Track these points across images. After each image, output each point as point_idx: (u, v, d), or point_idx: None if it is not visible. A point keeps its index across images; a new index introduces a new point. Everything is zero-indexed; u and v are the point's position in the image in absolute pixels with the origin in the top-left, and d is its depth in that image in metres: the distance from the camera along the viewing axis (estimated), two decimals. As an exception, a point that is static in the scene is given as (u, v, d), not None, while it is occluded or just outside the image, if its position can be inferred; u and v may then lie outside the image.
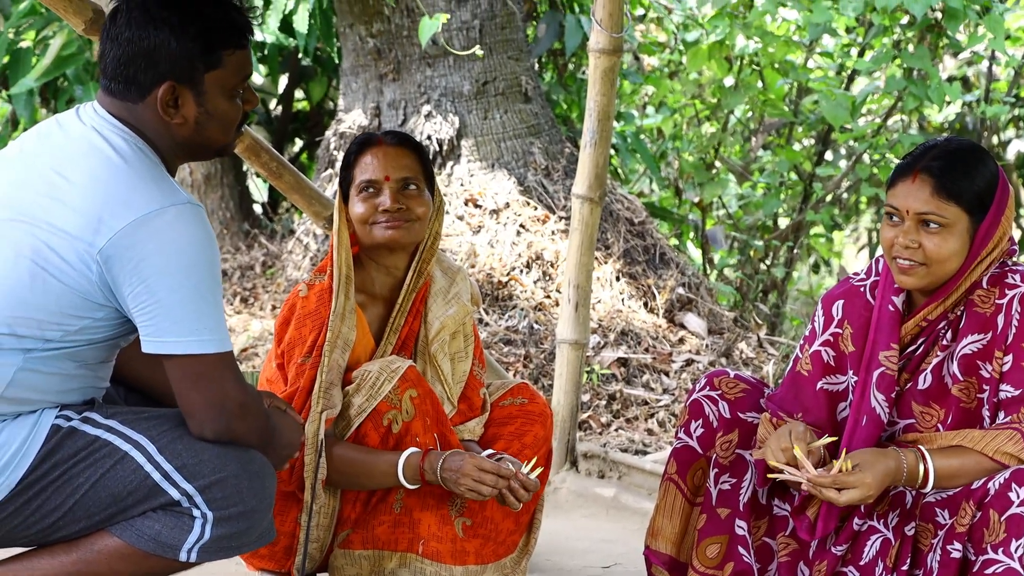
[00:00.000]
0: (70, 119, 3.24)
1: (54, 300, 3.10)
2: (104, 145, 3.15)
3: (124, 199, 3.07)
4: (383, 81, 7.46)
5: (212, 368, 3.13)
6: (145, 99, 3.21)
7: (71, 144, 3.17)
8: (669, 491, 3.86)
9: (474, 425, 3.98)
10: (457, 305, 3.99)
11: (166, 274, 3.06)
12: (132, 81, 3.20)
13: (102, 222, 3.05)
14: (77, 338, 3.15)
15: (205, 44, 3.21)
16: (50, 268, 3.08)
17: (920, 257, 3.59)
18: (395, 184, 3.85)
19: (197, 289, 3.09)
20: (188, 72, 3.21)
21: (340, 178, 3.94)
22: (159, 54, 3.18)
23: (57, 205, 3.09)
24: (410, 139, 3.94)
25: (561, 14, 8.08)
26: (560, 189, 7.37)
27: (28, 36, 8.21)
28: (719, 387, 3.85)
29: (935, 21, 8.00)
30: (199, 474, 3.15)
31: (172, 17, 3.19)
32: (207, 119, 3.25)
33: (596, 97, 5.26)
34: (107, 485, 3.15)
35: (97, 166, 3.12)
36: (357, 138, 3.96)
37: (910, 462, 3.54)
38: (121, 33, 3.19)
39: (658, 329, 7.11)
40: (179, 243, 3.07)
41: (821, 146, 9.46)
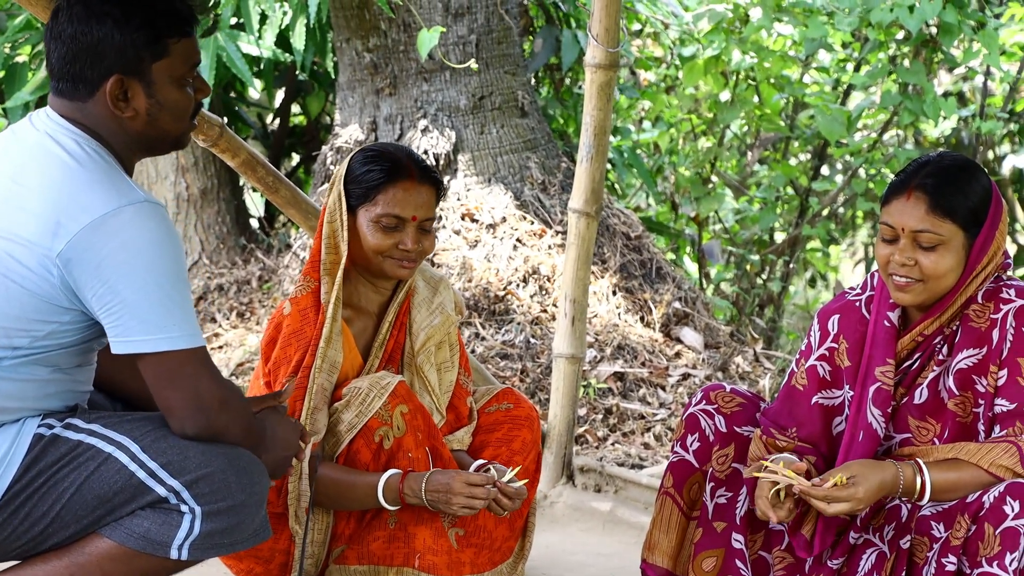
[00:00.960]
0: (23, 127, 3.23)
1: (18, 307, 3.09)
2: (57, 149, 3.14)
3: (80, 202, 3.06)
4: (380, 96, 7.47)
5: (185, 364, 3.11)
6: (94, 95, 3.19)
7: (25, 151, 3.16)
8: (665, 505, 3.86)
9: (462, 435, 3.99)
10: (441, 315, 3.99)
11: (128, 273, 3.05)
12: (79, 78, 3.19)
13: (60, 226, 3.04)
14: (46, 343, 3.15)
15: (149, 34, 3.19)
16: (12, 275, 3.07)
17: (917, 274, 3.60)
18: (418, 224, 3.83)
19: (160, 286, 3.07)
20: (135, 64, 3.19)
21: (347, 190, 3.86)
22: (103, 48, 3.17)
23: (15, 212, 3.08)
24: (435, 174, 3.90)
25: (558, 29, 8.09)
26: (557, 203, 7.38)
27: (24, 50, 8.21)
28: (715, 401, 3.86)
29: (930, 36, 8.01)
30: (185, 470, 3.14)
31: (114, 10, 3.17)
32: (159, 110, 3.23)
33: (592, 112, 5.26)
34: (92, 487, 3.14)
35: (51, 170, 3.10)
36: (380, 158, 3.86)
37: (907, 475, 3.55)
38: (64, 30, 3.18)
39: (654, 343, 7.11)
40: (138, 241, 3.05)
41: (817, 161, 9.47)
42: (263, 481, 3.25)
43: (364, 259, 3.84)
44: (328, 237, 3.83)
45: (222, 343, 7.45)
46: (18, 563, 3.24)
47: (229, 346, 7.42)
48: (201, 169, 8.30)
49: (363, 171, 3.85)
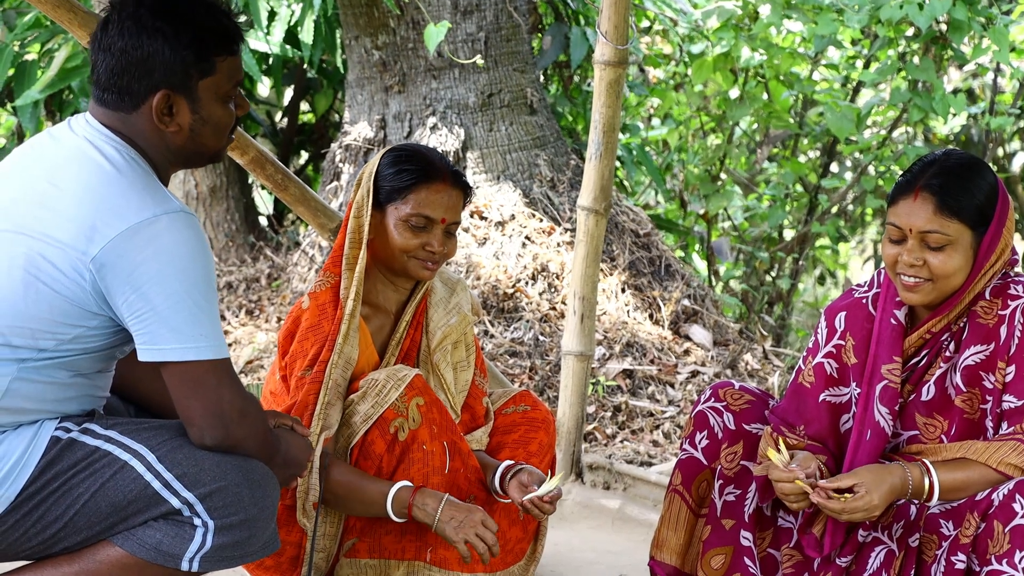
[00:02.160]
0: (62, 131, 3.24)
1: (47, 309, 3.10)
2: (96, 154, 3.15)
3: (116, 208, 3.07)
4: (388, 93, 7.47)
5: (209, 374, 3.13)
6: (139, 108, 3.21)
7: (63, 154, 3.18)
8: (674, 502, 3.86)
9: (480, 435, 3.99)
10: (458, 315, 4.00)
11: (160, 282, 3.06)
12: (126, 91, 3.20)
13: (95, 231, 3.05)
14: (71, 347, 3.16)
15: (198, 51, 3.21)
16: (43, 277, 3.08)
17: (926, 274, 3.60)
18: (446, 227, 3.85)
19: (191, 296, 3.09)
20: (182, 80, 3.21)
21: (376, 187, 3.85)
22: (153, 63, 3.18)
23: (50, 214, 3.09)
24: (464, 179, 3.93)
25: (566, 26, 8.09)
26: (565, 201, 7.38)
27: (33, 48, 8.23)
28: (724, 399, 3.86)
29: (940, 33, 8.00)
30: (199, 482, 3.15)
31: (165, 26, 3.19)
32: (201, 126, 3.25)
33: (601, 109, 5.26)
34: (107, 495, 3.15)
35: (89, 175, 3.12)
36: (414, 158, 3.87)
37: (915, 476, 3.55)
38: (113, 43, 3.19)
39: (663, 341, 7.11)
40: (172, 251, 3.07)
41: (826, 158, 9.46)
42: (275, 495, 3.27)
43: (387, 257, 3.85)
44: (353, 232, 3.84)
45: (231, 341, 7.46)
46: (28, 564, 3.24)
47: (238, 344, 7.43)
48: (210, 167, 8.31)
49: (395, 170, 3.86)
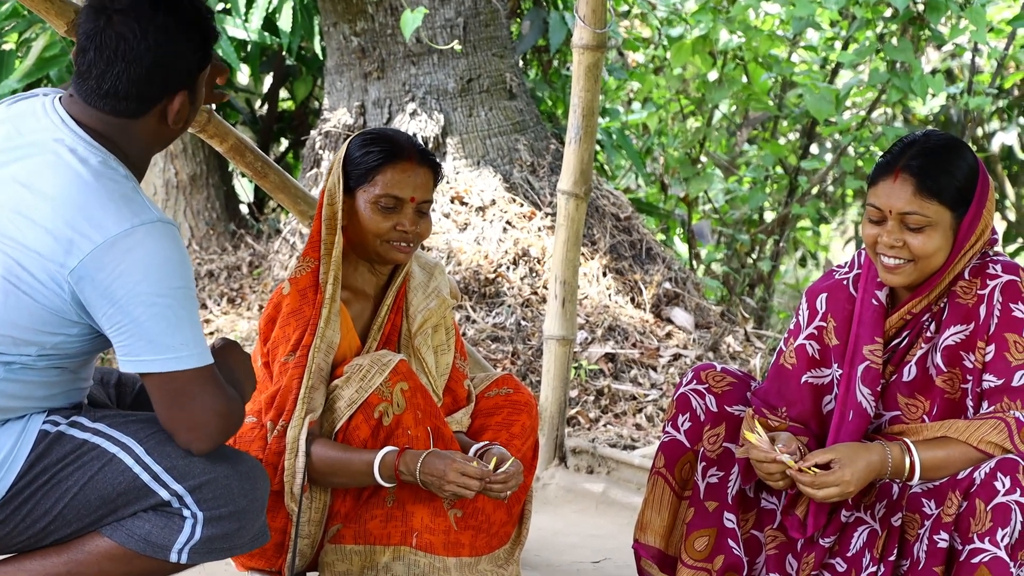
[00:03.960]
0: (33, 127, 3.16)
1: (27, 317, 3.07)
2: (73, 160, 3.09)
3: (94, 220, 3.02)
4: (368, 80, 7.46)
5: (191, 384, 3.10)
6: (148, 112, 3.16)
7: (38, 158, 3.10)
8: (657, 485, 3.87)
9: (461, 416, 4.00)
10: (437, 299, 4.01)
11: (138, 294, 3.02)
12: (143, 98, 3.15)
13: (72, 243, 3.01)
14: (53, 352, 3.13)
15: (204, 47, 3.21)
16: (22, 286, 3.05)
17: (906, 255, 3.60)
18: (416, 206, 3.84)
19: (171, 307, 3.05)
20: (193, 78, 3.20)
21: (346, 172, 3.85)
22: (176, 67, 3.16)
23: (27, 223, 3.05)
24: (432, 157, 3.91)
25: (545, 11, 8.09)
26: (546, 185, 7.38)
27: (10, 38, 8.20)
28: (706, 381, 3.86)
29: (917, 14, 8.01)
30: (189, 474, 3.15)
31: (181, 26, 3.15)
32: (192, 114, 3.24)
33: (580, 93, 5.26)
34: (96, 488, 3.15)
35: (66, 183, 3.05)
36: (379, 140, 3.87)
37: (895, 455, 3.56)
38: (137, 52, 3.11)
39: (645, 324, 7.12)
40: (150, 262, 3.02)
41: (806, 140, 9.47)
42: (264, 487, 3.27)
43: (362, 242, 3.85)
44: (328, 219, 3.84)
45: (213, 329, 7.45)
46: (16, 555, 3.24)
47: (220, 332, 7.43)
48: (190, 155, 8.29)
49: (362, 153, 3.86)
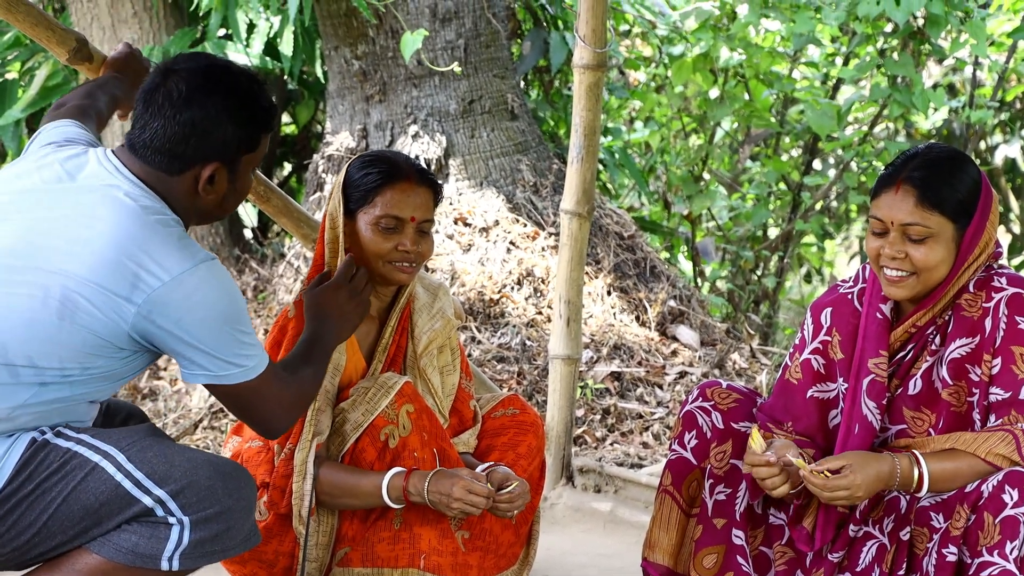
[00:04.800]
0: (87, 173, 3.30)
1: (80, 342, 3.17)
2: (131, 203, 3.23)
3: (157, 257, 3.18)
4: (369, 103, 7.47)
5: (257, 390, 3.33)
6: (183, 174, 3.31)
7: (94, 197, 3.24)
8: (665, 503, 3.86)
9: (467, 437, 4.00)
10: (442, 320, 4.01)
11: (203, 326, 3.21)
12: (178, 158, 3.30)
13: (139, 278, 3.15)
14: (95, 372, 3.23)
15: (252, 130, 3.34)
16: (79, 317, 3.15)
17: (908, 267, 3.61)
18: (417, 225, 3.85)
19: (233, 331, 3.25)
20: (233, 154, 3.33)
21: (347, 195, 3.87)
22: (213, 138, 3.30)
23: (85, 255, 3.16)
24: (431, 177, 3.93)
25: (545, 31, 8.10)
26: (549, 205, 7.39)
27: (13, 67, 8.22)
28: (712, 398, 3.86)
29: (917, 28, 8.02)
30: (170, 478, 3.18)
31: (229, 102, 3.29)
32: (232, 194, 3.38)
33: (582, 112, 5.27)
34: (79, 498, 3.16)
35: (125, 220, 3.20)
36: (377, 162, 3.89)
37: (904, 466, 3.56)
38: (177, 112, 3.28)
39: (650, 342, 7.12)
40: (212, 296, 3.22)
41: (808, 156, 9.48)
42: (249, 485, 3.31)
43: (365, 264, 3.86)
44: (331, 242, 3.85)
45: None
46: None
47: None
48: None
49: (361, 175, 3.87)
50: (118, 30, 7.65)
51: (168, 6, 7.72)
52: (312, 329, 3.70)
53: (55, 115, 3.71)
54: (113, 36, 7.61)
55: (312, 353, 3.62)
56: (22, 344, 3.14)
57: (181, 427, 6.74)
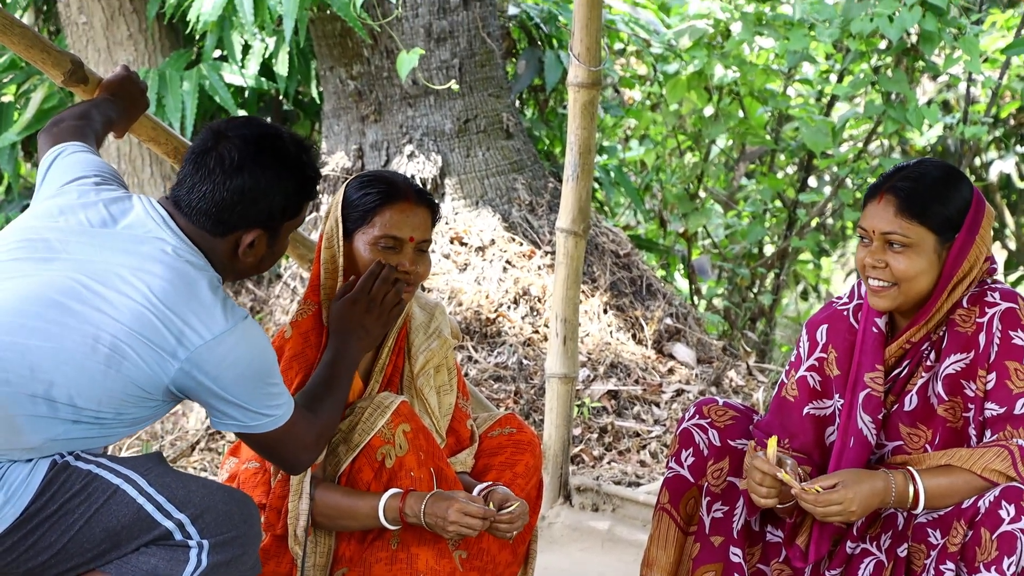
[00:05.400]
0: (133, 221, 3.37)
1: (120, 390, 3.23)
2: (180, 261, 3.32)
3: (202, 315, 3.27)
4: (365, 123, 7.48)
5: (283, 436, 3.44)
6: (225, 236, 3.39)
7: (144, 249, 3.31)
8: (662, 521, 3.87)
9: (464, 456, 4.00)
10: (439, 339, 4.01)
11: (239, 382, 3.31)
12: (222, 222, 3.38)
13: (183, 335, 3.24)
14: (126, 418, 3.29)
15: (297, 201, 3.43)
16: (125, 367, 3.21)
17: (888, 276, 3.62)
18: (415, 245, 3.85)
19: (265, 386, 3.37)
20: (275, 223, 3.42)
21: (344, 215, 3.86)
22: (259, 206, 3.39)
23: (136, 308, 3.23)
24: (429, 197, 3.92)
25: (540, 50, 8.12)
26: (545, 224, 7.40)
27: (9, 90, 8.23)
28: (708, 415, 3.86)
29: (911, 45, 8.04)
30: (189, 503, 3.23)
31: (278, 172, 3.39)
32: (270, 256, 3.47)
33: (576, 131, 5.28)
34: (100, 520, 3.19)
35: (177, 280, 3.28)
36: (376, 182, 3.88)
37: (899, 483, 3.56)
38: (228, 178, 3.36)
39: (647, 360, 7.12)
40: (248, 355, 3.32)
41: (804, 173, 9.49)
42: (257, 514, 3.37)
43: None
44: (327, 262, 3.85)
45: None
46: None
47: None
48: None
49: (360, 195, 3.86)
50: (113, 52, 7.66)
51: (163, 28, 7.73)
52: (333, 345, 3.75)
53: (54, 135, 3.73)
54: (108, 58, 7.62)
55: (333, 375, 3.68)
56: (67, 383, 3.19)
57: (178, 449, 6.74)
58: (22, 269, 3.28)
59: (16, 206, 8.38)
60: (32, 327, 3.20)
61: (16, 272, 3.28)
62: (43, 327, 3.20)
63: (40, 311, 3.21)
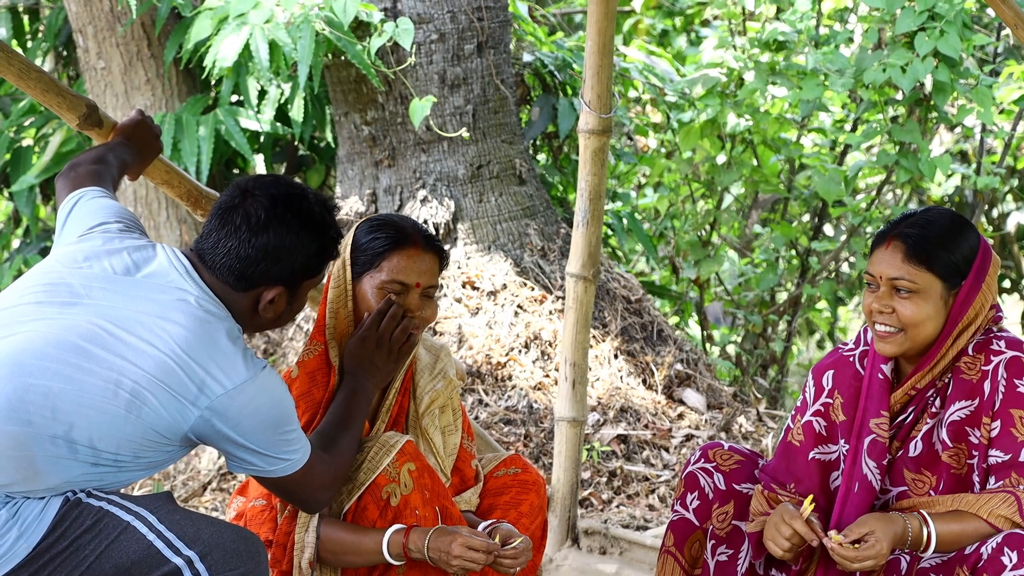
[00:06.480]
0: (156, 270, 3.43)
1: (139, 435, 3.29)
2: (202, 312, 3.38)
3: (223, 367, 3.34)
4: (379, 168, 7.53)
5: (301, 478, 3.51)
6: (247, 292, 3.47)
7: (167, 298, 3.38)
8: (667, 563, 3.87)
9: (469, 496, 4.02)
10: (444, 380, 4.03)
11: (258, 430, 3.39)
12: (245, 277, 3.45)
13: (204, 385, 3.31)
14: (143, 461, 3.35)
15: (319, 261, 3.52)
16: (144, 413, 3.28)
17: (895, 322, 3.63)
18: (422, 291, 3.88)
19: (283, 433, 3.44)
20: (297, 281, 3.50)
21: (352, 258, 3.89)
22: (282, 265, 3.47)
23: (161, 356, 3.29)
24: (438, 243, 3.95)
25: (554, 97, 8.16)
26: (556, 269, 7.42)
27: (28, 134, 8.30)
28: (714, 459, 3.88)
29: (924, 95, 8.07)
30: (199, 540, 3.27)
31: (302, 233, 3.47)
32: (288, 313, 3.55)
33: (587, 177, 5.31)
34: (111, 556, 3.23)
35: (199, 329, 3.35)
36: (385, 227, 3.91)
37: (914, 527, 3.57)
38: (254, 236, 3.44)
39: (657, 405, 7.13)
40: (268, 404, 3.40)
41: (817, 221, 9.51)
42: (264, 552, 3.41)
43: None
44: (332, 302, 3.88)
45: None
46: None
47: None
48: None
49: (368, 239, 3.88)
50: (131, 96, 7.73)
51: (180, 73, 7.80)
52: (347, 383, 3.81)
53: (72, 179, 3.79)
54: (126, 102, 7.69)
55: (347, 414, 3.74)
56: (88, 426, 3.25)
57: (190, 488, 6.77)
58: (45, 312, 3.33)
59: (34, 248, 8.43)
60: (55, 370, 3.25)
61: (39, 315, 3.33)
62: (66, 371, 3.25)
63: (63, 355, 3.26)
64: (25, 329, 3.30)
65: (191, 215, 7.09)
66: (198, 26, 7.01)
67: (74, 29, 7.81)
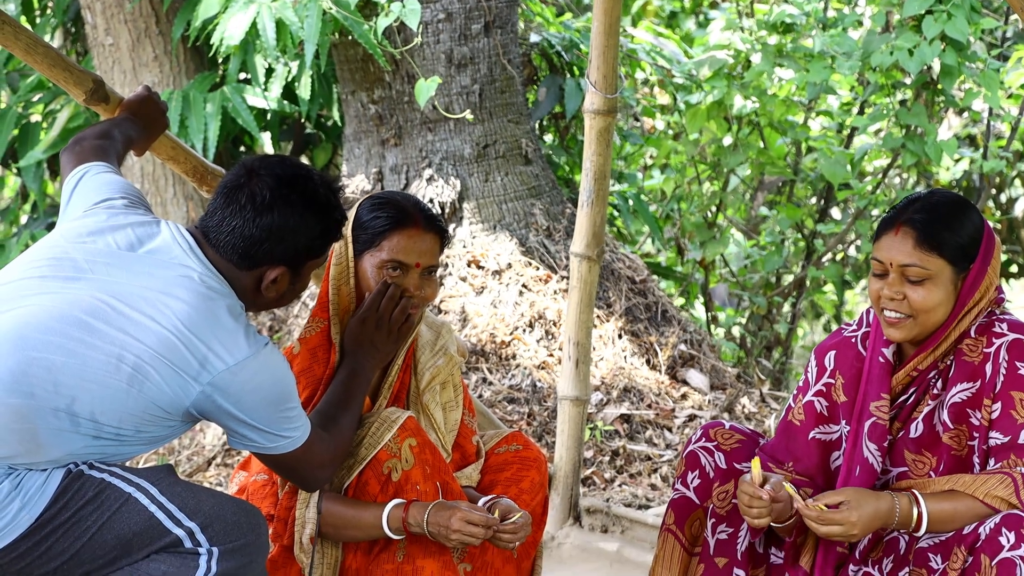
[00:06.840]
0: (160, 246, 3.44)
1: (141, 409, 3.31)
2: (205, 288, 3.40)
3: (225, 343, 3.35)
4: (385, 146, 7.54)
5: (300, 455, 3.53)
6: (251, 270, 3.48)
7: (171, 274, 3.39)
8: (667, 541, 3.89)
9: (470, 471, 4.03)
10: (445, 357, 4.05)
11: (259, 406, 3.41)
12: (249, 256, 3.47)
13: (207, 360, 3.33)
14: (145, 436, 3.37)
15: (323, 243, 3.53)
16: (147, 388, 3.29)
17: (906, 309, 3.63)
18: (421, 270, 3.89)
19: (285, 411, 3.46)
20: (300, 261, 3.51)
21: (354, 236, 3.89)
22: (286, 245, 3.48)
23: (160, 331, 3.31)
24: (440, 223, 3.95)
25: (561, 78, 8.17)
26: (561, 249, 7.43)
27: (36, 109, 8.32)
28: (715, 438, 3.89)
29: (931, 79, 8.07)
30: (199, 511, 3.30)
31: (307, 214, 3.48)
32: (290, 293, 3.57)
33: (592, 157, 5.32)
34: (113, 527, 3.25)
35: (202, 305, 3.36)
36: (387, 205, 3.90)
37: (903, 505, 3.57)
38: (258, 216, 3.45)
39: (661, 385, 7.15)
40: (269, 380, 3.42)
41: (823, 203, 9.51)
42: (265, 524, 3.44)
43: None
44: (335, 279, 3.89)
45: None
46: None
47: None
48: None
49: (370, 217, 3.89)
50: (139, 73, 7.74)
51: (188, 50, 7.81)
52: (346, 364, 3.82)
53: (76, 153, 3.79)
54: (134, 79, 7.71)
55: (347, 393, 3.75)
56: (90, 400, 3.26)
57: (195, 464, 6.79)
58: (48, 287, 3.34)
59: (42, 224, 8.46)
60: (58, 344, 3.26)
61: (42, 289, 3.34)
62: (69, 345, 3.26)
63: (66, 329, 3.28)
64: (29, 303, 3.31)
65: (197, 192, 7.11)
66: (206, 4, 7.02)
67: (82, 5, 7.82)
